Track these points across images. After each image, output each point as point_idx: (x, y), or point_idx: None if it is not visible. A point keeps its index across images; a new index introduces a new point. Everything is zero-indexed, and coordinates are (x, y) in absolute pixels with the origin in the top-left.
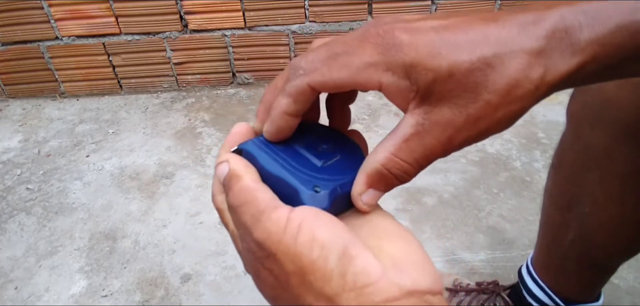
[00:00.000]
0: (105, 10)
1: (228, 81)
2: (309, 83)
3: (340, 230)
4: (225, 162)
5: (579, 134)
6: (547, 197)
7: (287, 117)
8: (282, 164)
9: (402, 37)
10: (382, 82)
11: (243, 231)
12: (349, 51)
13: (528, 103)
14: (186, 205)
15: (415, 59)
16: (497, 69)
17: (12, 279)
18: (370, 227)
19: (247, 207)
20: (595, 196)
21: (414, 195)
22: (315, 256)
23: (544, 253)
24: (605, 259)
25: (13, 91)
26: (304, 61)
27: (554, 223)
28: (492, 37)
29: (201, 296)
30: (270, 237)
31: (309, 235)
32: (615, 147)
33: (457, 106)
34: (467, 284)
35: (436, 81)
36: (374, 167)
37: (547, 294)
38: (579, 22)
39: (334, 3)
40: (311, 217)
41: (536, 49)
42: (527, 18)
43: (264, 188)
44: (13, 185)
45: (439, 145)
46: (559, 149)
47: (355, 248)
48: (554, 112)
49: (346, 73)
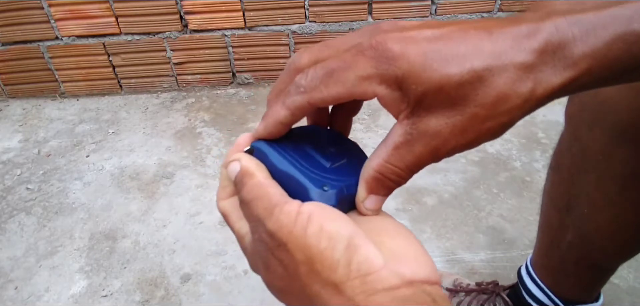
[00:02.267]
0: (105, 10)
1: (228, 81)
2: (309, 101)
3: (346, 222)
4: (237, 161)
5: (576, 136)
6: (545, 199)
7: (281, 126)
8: (293, 163)
9: (395, 49)
10: (377, 93)
11: (255, 223)
12: (344, 67)
13: (516, 116)
14: (186, 205)
15: (407, 71)
16: (486, 82)
17: (12, 279)
18: (370, 226)
19: (260, 201)
20: (593, 198)
21: (414, 195)
22: (323, 247)
23: (543, 254)
24: (603, 261)
25: (13, 91)
26: (303, 80)
27: (553, 224)
28: (485, 49)
29: (201, 296)
30: (281, 228)
31: (318, 227)
32: (613, 149)
33: (444, 117)
34: (467, 284)
35: (426, 94)
36: (370, 174)
37: (546, 294)
38: (573, 35)
39: (334, 3)
40: (320, 211)
41: (527, 63)
42: (521, 30)
43: (275, 185)
44: (13, 185)
45: (427, 153)
46: (557, 151)
47: (360, 239)
48: (554, 112)
49: (343, 88)
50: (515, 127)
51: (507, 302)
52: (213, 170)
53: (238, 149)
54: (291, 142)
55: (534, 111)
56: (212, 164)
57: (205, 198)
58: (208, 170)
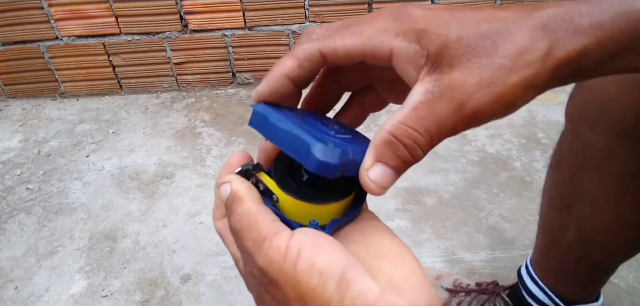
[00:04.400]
0: (105, 10)
1: (228, 81)
2: (320, 49)
3: (339, 253)
4: (227, 183)
5: (577, 135)
6: (545, 198)
7: (286, 81)
8: (294, 123)
9: (414, 11)
10: (393, 47)
11: (246, 256)
12: (362, 22)
13: (539, 73)
14: (186, 205)
15: (425, 26)
16: (505, 36)
17: (12, 279)
18: (368, 245)
19: (250, 231)
20: (594, 197)
21: (414, 195)
22: (315, 284)
23: (543, 253)
24: (604, 260)
25: (13, 91)
26: (318, 29)
27: (553, 224)
28: (498, 15)
29: (201, 296)
30: (271, 264)
31: (308, 262)
32: (615, 148)
33: (469, 70)
34: (467, 284)
35: (447, 45)
36: (382, 136)
37: (546, 294)
38: (579, 10)
39: (334, 3)
40: (310, 244)
41: (540, 24)
42: (529, 5)
43: (265, 211)
44: (13, 185)
45: (451, 112)
46: (558, 150)
47: (353, 273)
48: (554, 112)
49: (358, 40)
50: (515, 127)
51: (507, 302)
52: (213, 170)
53: (229, 169)
54: (293, 111)
55: (553, 82)
56: (212, 164)
57: (205, 198)
58: (208, 170)
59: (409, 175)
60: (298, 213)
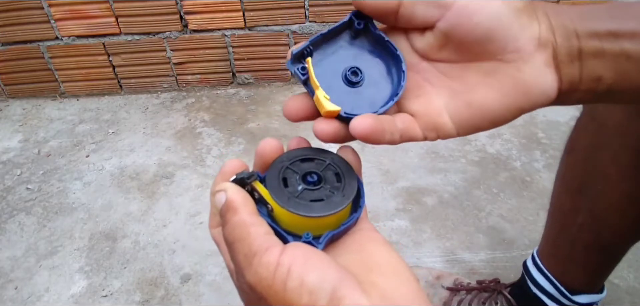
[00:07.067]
0: (105, 10)
1: (228, 81)
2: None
3: (330, 270)
4: (222, 192)
5: (593, 116)
6: (557, 184)
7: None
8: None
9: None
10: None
11: (238, 269)
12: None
13: (542, 24)
14: (186, 205)
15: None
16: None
17: (12, 279)
18: (363, 258)
19: (241, 245)
20: (608, 173)
21: (414, 195)
22: (305, 303)
23: (552, 242)
24: (613, 241)
25: (13, 91)
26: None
27: (564, 208)
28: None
29: (201, 296)
30: (260, 282)
31: (298, 281)
32: (629, 124)
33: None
34: (468, 283)
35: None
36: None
37: (552, 284)
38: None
39: (334, 3)
40: (300, 261)
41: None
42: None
43: (259, 223)
44: (13, 185)
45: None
46: (574, 133)
47: (344, 289)
48: (554, 112)
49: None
50: (515, 126)
51: (509, 300)
52: (213, 170)
53: (224, 177)
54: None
55: (554, 40)
56: (212, 164)
57: (205, 198)
58: (208, 170)
59: (409, 175)
60: (293, 224)
